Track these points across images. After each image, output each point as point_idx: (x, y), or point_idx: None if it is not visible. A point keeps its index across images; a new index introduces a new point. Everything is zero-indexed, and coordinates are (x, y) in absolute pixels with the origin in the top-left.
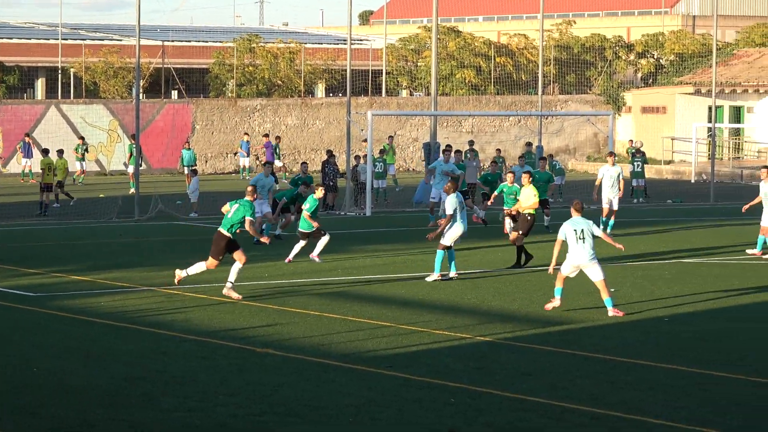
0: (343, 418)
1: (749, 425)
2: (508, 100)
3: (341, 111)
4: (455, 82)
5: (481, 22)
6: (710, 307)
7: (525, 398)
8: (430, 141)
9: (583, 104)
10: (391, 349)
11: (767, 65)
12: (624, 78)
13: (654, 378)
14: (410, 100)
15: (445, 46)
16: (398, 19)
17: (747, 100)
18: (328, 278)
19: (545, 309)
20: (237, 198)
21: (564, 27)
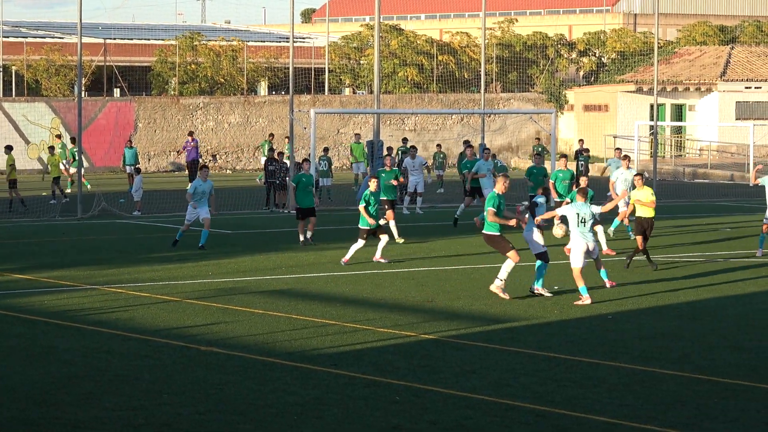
0: (288, 416)
1: (692, 422)
2: (450, 98)
3: (284, 109)
4: (398, 80)
5: (424, 20)
6: (654, 305)
7: (469, 396)
8: (373, 139)
9: (525, 102)
10: (335, 347)
11: (708, 63)
12: (566, 76)
13: (598, 375)
14: (353, 98)
15: (387, 44)
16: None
17: (688, 98)
18: (272, 276)
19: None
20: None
21: (506, 25)
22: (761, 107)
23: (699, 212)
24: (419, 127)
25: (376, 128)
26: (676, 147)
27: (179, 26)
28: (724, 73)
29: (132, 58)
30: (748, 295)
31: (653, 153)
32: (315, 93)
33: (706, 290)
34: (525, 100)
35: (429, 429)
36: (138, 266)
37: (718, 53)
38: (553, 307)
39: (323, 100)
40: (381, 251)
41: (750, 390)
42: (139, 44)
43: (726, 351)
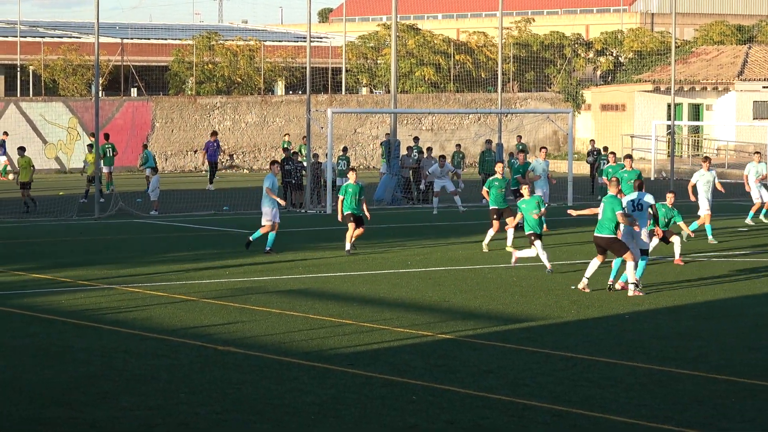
0: (305, 416)
1: (709, 422)
2: (467, 97)
3: (301, 109)
4: (415, 80)
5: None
6: (671, 305)
7: (486, 396)
8: (390, 139)
9: (542, 102)
10: (352, 346)
11: (725, 63)
12: (583, 76)
13: (615, 375)
14: (370, 98)
15: (404, 44)
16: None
17: (706, 98)
18: (289, 276)
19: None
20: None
21: (523, 25)
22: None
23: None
24: (436, 126)
25: (393, 128)
26: (693, 146)
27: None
28: (742, 72)
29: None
30: (764, 294)
31: (670, 152)
32: (332, 93)
33: (723, 290)
34: (542, 99)
35: (446, 429)
36: (155, 266)
37: (735, 53)
38: (571, 306)
39: (340, 100)
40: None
41: (767, 390)
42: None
43: (743, 351)
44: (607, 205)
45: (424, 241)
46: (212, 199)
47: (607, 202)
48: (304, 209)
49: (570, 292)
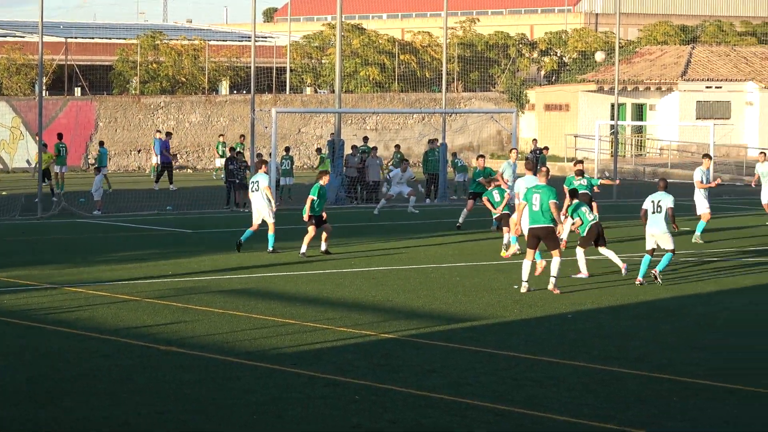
0: (247, 416)
1: (651, 421)
2: (412, 97)
3: (245, 108)
4: (359, 80)
5: (385, 19)
6: (614, 304)
7: (429, 395)
8: (335, 138)
9: (486, 102)
10: (295, 346)
11: (669, 63)
12: (527, 76)
13: (558, 375)
14: (314, 98)
15: (349, 44)
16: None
17: (649, 98)
18: (232, 276)
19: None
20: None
21: (468, 25)
22: (721, 107)
23: None
24: (380, 126)
25: (337, 128)
26: (636, 146)
27: (141, 25)
28: (685, 72)
29: (93, 57)
30: (707, 294)
31: (614, 152)
32: (276, 92)
33: (665, 290)
34: (486, 99)
35: (389, 428)
36: (98, 266)
37: (678, 53)
38: (513, 306)
39: (284, 100)
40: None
41: (709, 389)
42: (101, 43)
43: (685, 350)
44: (543, 195)
45: (368, 241)
46: (155, 199)
47: (542, 192)
48: (247, 209)
49: (512, 291)
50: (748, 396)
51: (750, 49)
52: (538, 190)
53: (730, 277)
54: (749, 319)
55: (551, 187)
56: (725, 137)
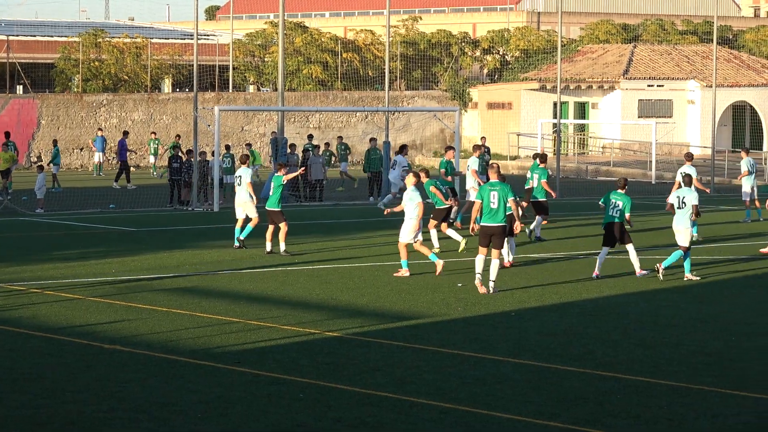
0: (192, 414)
1: (595, 419)
2: (354, 95)
3: (188, 106)
4: (302, 78)
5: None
6: (557, 302)
7: (373, 393)
8: (278, 136)
9: (429, 100)
10: (239, 344)
11: (611, 61)
12: (470, 74)
13: (502, 373)
14: (257, 96)
15: (292, 42)
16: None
17: (591, 96)
18: (176, 274)
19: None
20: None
21: (410, 23)
22: (663, 105)
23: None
24: (323, 124)
25: (280, 126)
26: (579, 145)
27: (82, 23)
28: (627, 71)
29: (35, 54)
30: (651, 291)
31: (556, 151)
32: (219, 90)
33: (609, 287)
34: (429, 97)
35: (333, 426)
36: (41, 264)
37: (620, 51)
38: (457, 304)
39: (227, 98)
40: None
41: (652, 386)
42: (42, 41)
43: (629, 347)
44: (501, 192)
45: (312, 239)
46: (98, 197)
47: (499, 189)
48: (191, 207)
49: (456, 289)
50: (691, 393)
51: (691, 48)
52: (494, 188)
53: (673, 273)
54: (692, 316)
55: (507, 184)
56: (667, 135)
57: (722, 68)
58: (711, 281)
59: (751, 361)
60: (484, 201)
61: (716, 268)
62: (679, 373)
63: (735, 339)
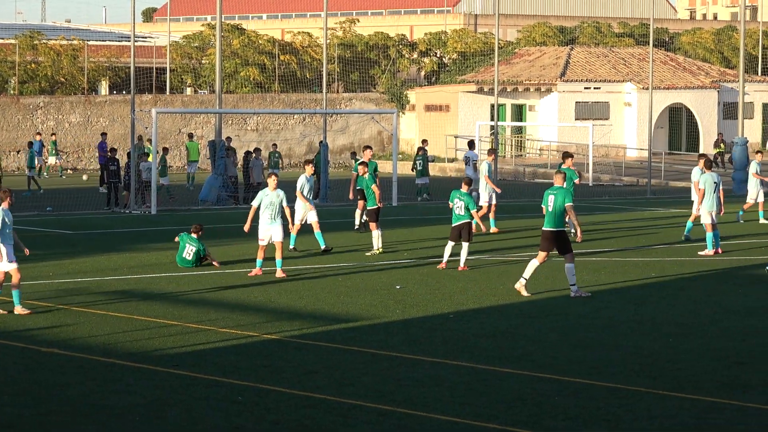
0: (129, 417)
1: (533, 420)
2: (292, 98)
3: (125, 108)
4: (240, 80)
5: (265, 20)
6: (495, 304)
7: (312, 396)
8: (215, 139)
9: (367, 102)
10: (177, 347)
11: (548, 64)
12: (407, 76)
13: (440, 375)
14: (195, 98)
15: (229, 44)
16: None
17: (528, 99)
18: (113, 277)
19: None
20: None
21: (348, 25)
22: (600, 107)
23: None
24: (261, 127)
25: (217, 128)
26: (516, 147)
27: (19, 25)
28: (564, 73)
29: None
30: (598, 291)
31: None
32: (156, 93)
33: (547, 289)
34: (367, 100)
35: (272, 429)
36: None
37: (557, 54)
38: (395, 306)
39: (165, 100)
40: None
41: (590, 387)
42: None
43: (567, 349)
44: (557, 197)
45: (250, 242)
46: (36, 200)
47: (557, 194)
48: (128, 210)
49: (395, 292)
50: (629, 394)
51: (628, 50)
52: (553, 192)
53: (611, 275)
54: (630, 318)
55: (568, 189)
56: (604, 137)
57: (658, 70)
58: (649, 283)
59: (688, 363)
60: (545, 206)
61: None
62: (617, 375)
63: (672, 340)
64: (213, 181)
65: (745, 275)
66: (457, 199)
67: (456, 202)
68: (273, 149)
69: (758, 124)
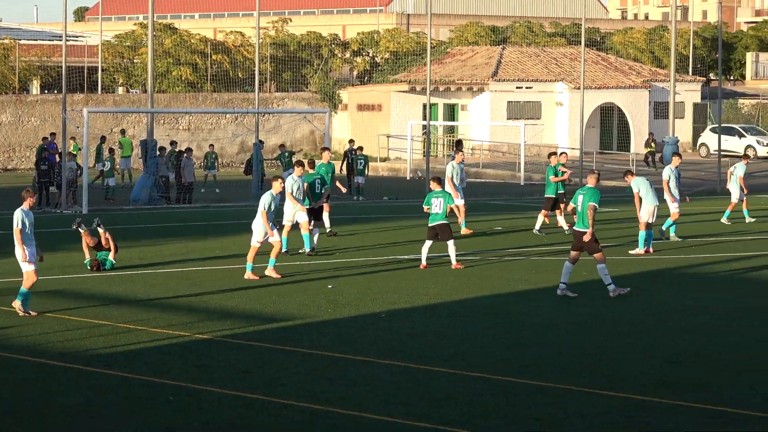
0: (61, 418)
1: (465, 419)
2: (224, 97)
3: (57, 108)
4: (172, 79)
5: (198, 19)
6: (427, 303)
7: (244, 395)
8: (147, 138)
9: (299, 102)
10: (109, 347)
11: (480, 63)
12: (340, 76)
13: (372, 374)
14: (127, 97)
15: (161, 43)
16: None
17: (461, 98)
18: (44, 277)
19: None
20: None
21: (280, 25)
22: (532, 107)
23: (471, 211)
24: (193, 126)
25: (149, 127)
26: (448, 146)
27: None
28: (496, 73)
29: None
30: (522, 292)
31: (426, 152)
32: (88, 92)
33: (479, 288)
34: (299, 99)
35: (204, 429)
36: None
37: (489, 53)
38: (327, 306)
39: (96, 99)
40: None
41: (522, 386)
42: None
43: (499, 349)
44: (585, 197)
45: (182, 241)
46: None
47: (585, 194)
48: (59, 209)
49: (327, 291)
50: (560, 393)
51: (559, 50)
52: (582, 192)
53: (544, 274)
54: (562, 317)
55: (597, 191)
56: (536, 137)
57: (590, 70)
58: (581, 282)
59: (619, 362)
60: (575, 204)
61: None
62: (548, 374)
63: (604, 339)
64: (144, 180)
65: (677, 274)
66: (434, 199)
67: (433, 202)
68: (210, 149)
69: (689, 123)
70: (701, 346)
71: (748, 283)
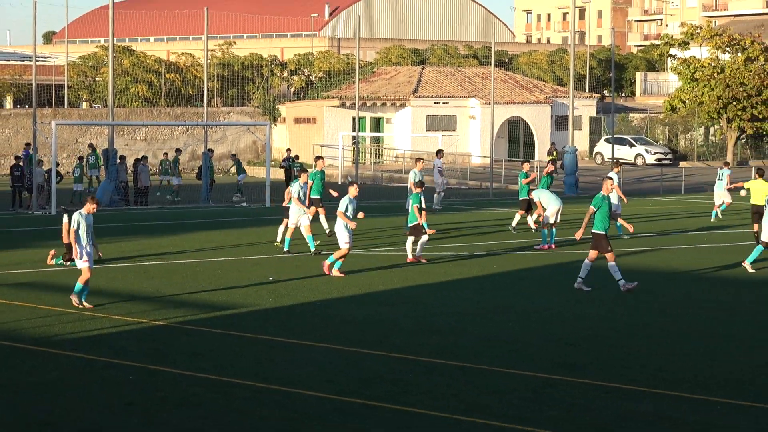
0: (32, 395)
1: (391, 396)
2: (177, 111)
3: (28, 121)
4: (130, 96)
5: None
6: (358, 293)
7: (196, 375)
8: (109, 148)
9: (243, 115)
10: (75, 333)
11: (403, 81)
12: (279, 92)
13: (310, 356)
14: (90, 112)
15: (120, 64)
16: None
17: (386, 112)
18: (17, 270)
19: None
20: None
21: (226, 47)
22: (448, 120)
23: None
24: (149, 137)
25: (110, 138)
26: (375, 155)
27: None
28: (417, 90)
29: None
30: (438, 284)
31: (355, 160)
32: (56, 106)
33: (403, 279)
34: (243, 113)
35: (160, 405)
36: None
37: (411, 73)
38: (268, 296)
39: (63, 113)
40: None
41: (441, 366)
42: None
43: (422, 334)
44: (412, 199)
45: (139, 239)
46: None
47: (412, 197)
48: (30, 211)
49: (267, 283)
50: (475, 372)
51: (472, 70)
52: (607, 199)
53: (457, 267)
54: (474, 306)
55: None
56: (452, 146)
57: (499, 88)
58: (491, 274)
59: (525, 344)
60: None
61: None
62: (464, 356)
63: (512, 324)
64: (107, 185)
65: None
66: (410, 200)
67: (409, 202)
68: (164, 158)
69: (586, 134)
70: (594, 331)
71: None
